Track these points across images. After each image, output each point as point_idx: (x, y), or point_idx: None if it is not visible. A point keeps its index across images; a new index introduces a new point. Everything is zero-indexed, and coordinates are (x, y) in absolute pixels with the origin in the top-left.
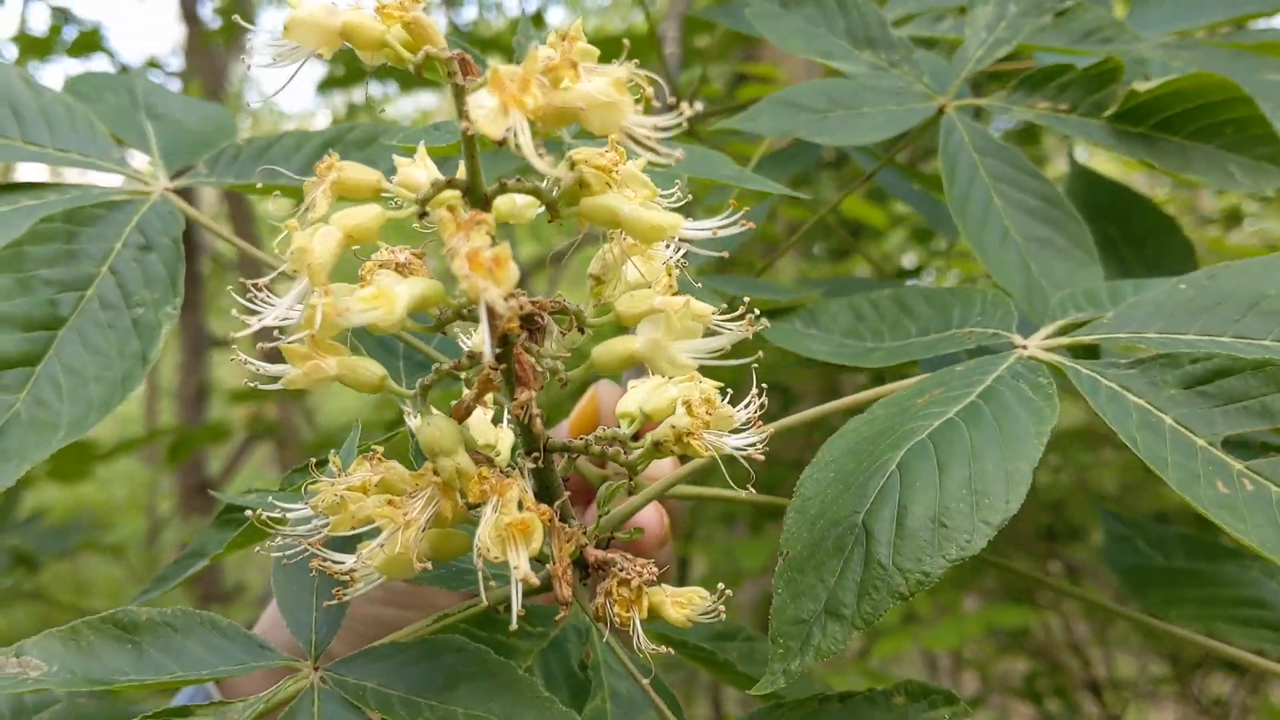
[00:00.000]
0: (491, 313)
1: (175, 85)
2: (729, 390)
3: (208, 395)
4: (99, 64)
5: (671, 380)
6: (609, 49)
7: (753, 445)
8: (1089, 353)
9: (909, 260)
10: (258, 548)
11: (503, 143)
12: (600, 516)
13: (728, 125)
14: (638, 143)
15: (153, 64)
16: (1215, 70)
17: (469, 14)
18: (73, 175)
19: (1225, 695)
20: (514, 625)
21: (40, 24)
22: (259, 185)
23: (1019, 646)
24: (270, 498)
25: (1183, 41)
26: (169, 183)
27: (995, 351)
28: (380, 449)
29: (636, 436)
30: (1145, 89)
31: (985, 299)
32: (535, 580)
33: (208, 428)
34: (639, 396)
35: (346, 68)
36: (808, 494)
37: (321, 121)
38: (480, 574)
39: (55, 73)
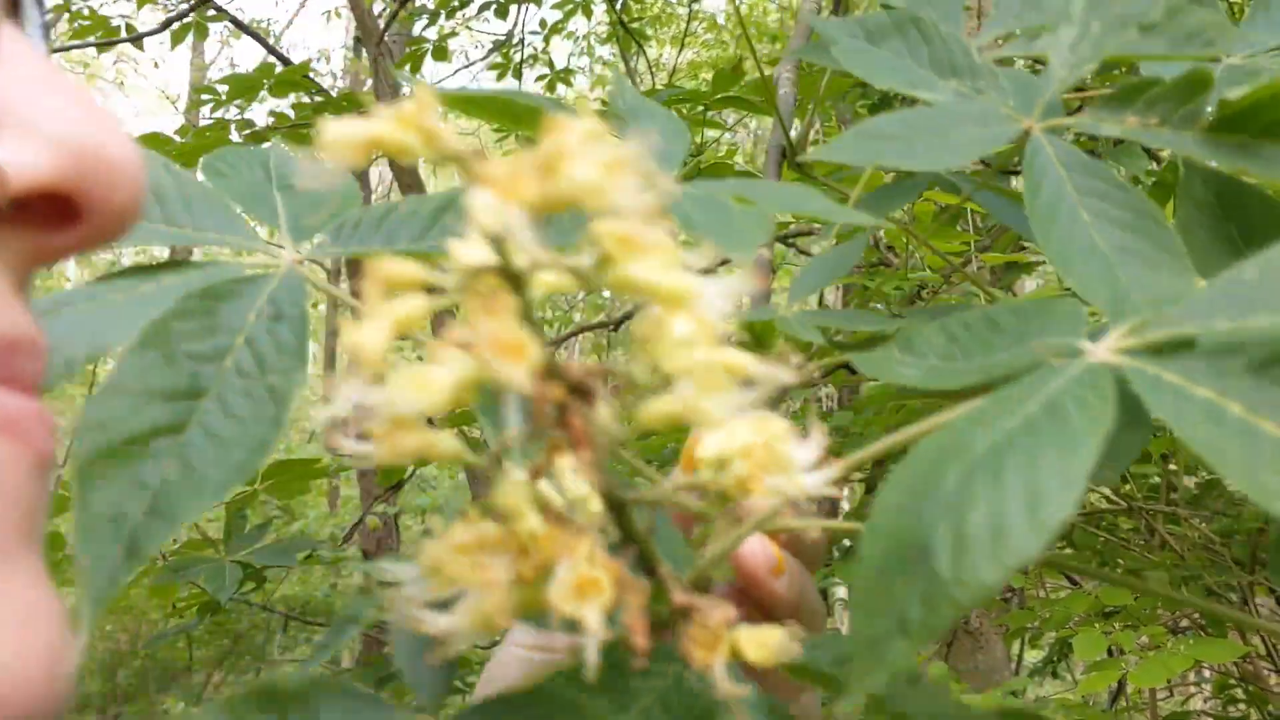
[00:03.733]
0: (529, 387)
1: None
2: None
3: None
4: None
5: (750, 423)
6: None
7: (823, 482)
8: (1163, 351)
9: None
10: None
11: (501, 233)
12: (697, 559)
13: (810, 158)
14: (633, 218)
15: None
16: None
17: None
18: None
19: None
20: (591, 677)
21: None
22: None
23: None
24: (381, 563)
25: None
26: (295, 254)
27: (1065, 360)
28: (472, 511)
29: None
30: (1238, 96)
31: (1064, 308)
32: (605, 635)
33: None
34: (718, 443)
35: None
36: (878, 518)
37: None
38: (557, 624)
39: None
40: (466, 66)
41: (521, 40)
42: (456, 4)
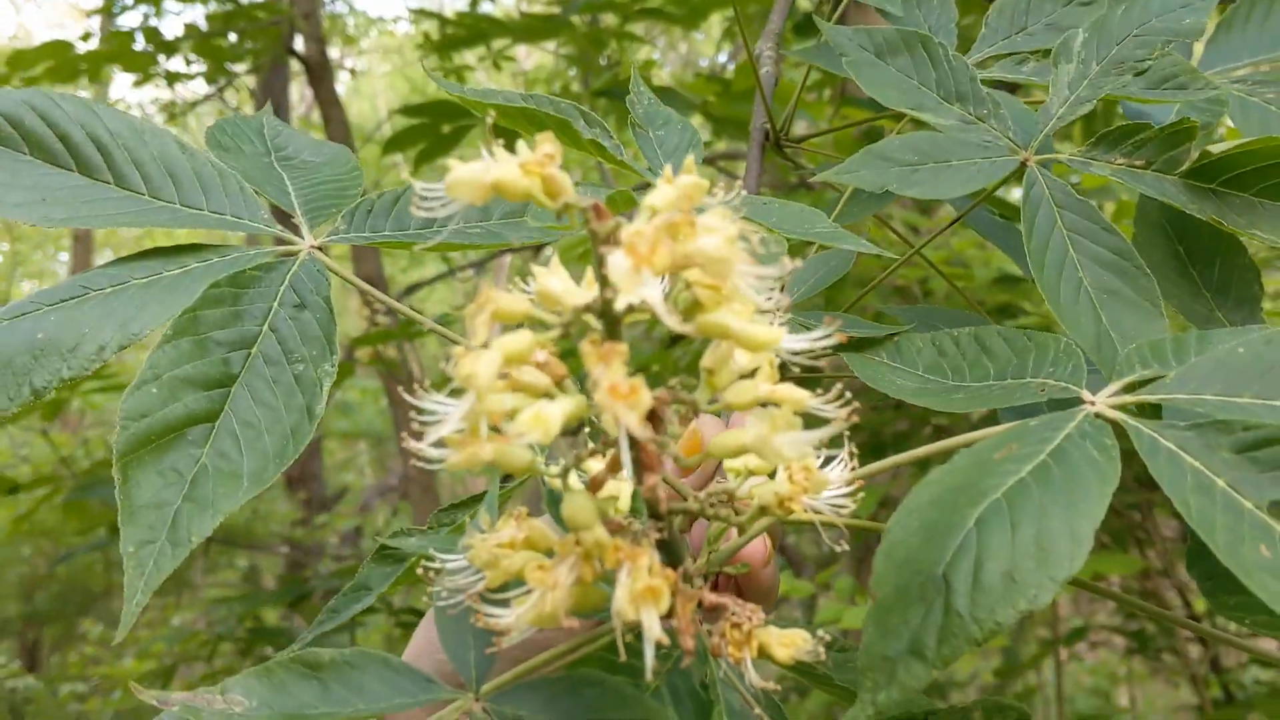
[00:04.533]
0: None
1: None
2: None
3: None
4: None
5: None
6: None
7: (844, 498)
8: (1152, 411)
9: None
10: (425, 597)
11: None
12: (710, 553)
13: (826, 178)
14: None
15: None
16: None
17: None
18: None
19: None
20: (649, 677)
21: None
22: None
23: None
24: (431, 549)
25: (1261, 75)
26: (313, 240)
27: (1066, 406)
28: (525, 509)
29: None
30: (1218, 150)
31: (1058, 348)
32: (666, 640)
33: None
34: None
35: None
36: (895, 539)
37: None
38: (619, 633)
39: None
40: None
41: None
42: None
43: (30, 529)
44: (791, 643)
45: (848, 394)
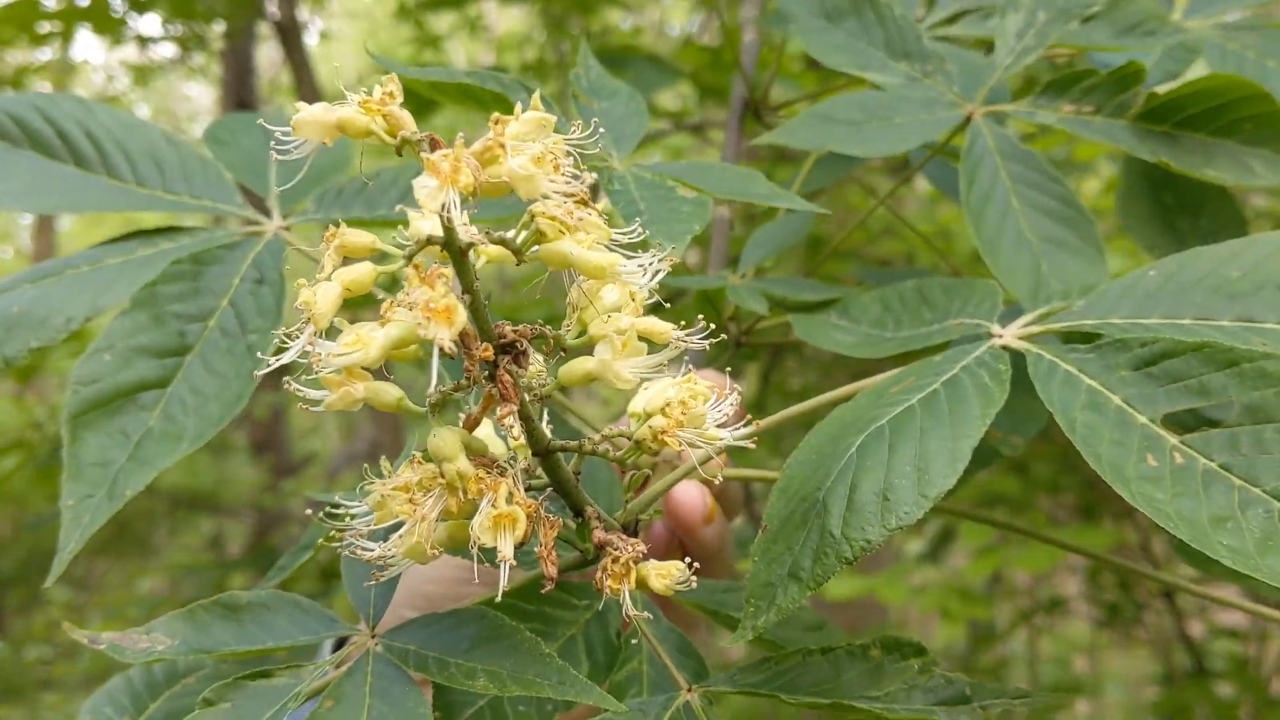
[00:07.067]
0: (462, 348)
1: None
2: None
3: None
4: None
5: (677, 382)
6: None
7: (737, 439)
8: (1083, 339)
9: None
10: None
11: (442, 209)
12: (626, 502)
13: (764, 141)
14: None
15: None
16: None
17: None
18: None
19: None
20: (499, 598)
21: None
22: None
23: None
24: (337, 496)
25: (1244, 21)
26: (281, 222)
27: (976, 341)
28: (420, 454)
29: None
30: (1165, 90)
31: (984, 290)
32: (514, 561)
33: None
34: (645, 398)
35: None
36: (790, 474)
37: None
38: (475, 558)
39: None
40: None
41: None
42: None
43: None
44: (667, 573)
45: (712, 326)
